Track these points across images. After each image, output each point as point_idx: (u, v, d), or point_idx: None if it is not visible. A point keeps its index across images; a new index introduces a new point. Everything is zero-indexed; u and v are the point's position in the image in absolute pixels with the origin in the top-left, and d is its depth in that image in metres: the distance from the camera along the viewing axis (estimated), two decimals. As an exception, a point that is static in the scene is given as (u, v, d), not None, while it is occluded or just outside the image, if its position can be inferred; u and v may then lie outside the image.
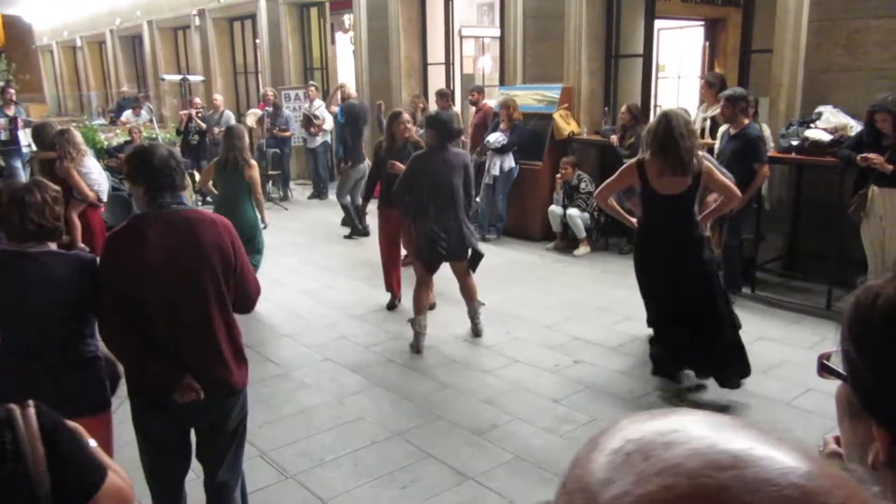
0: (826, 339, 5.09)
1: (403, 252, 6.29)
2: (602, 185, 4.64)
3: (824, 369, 0.91)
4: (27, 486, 1.26)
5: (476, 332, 5.46)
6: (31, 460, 1.27)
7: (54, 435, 1.31)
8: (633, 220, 4.60)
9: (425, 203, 5.10)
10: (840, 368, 0.88)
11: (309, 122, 10.96)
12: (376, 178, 6.17)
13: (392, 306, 6.20)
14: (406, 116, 6.15)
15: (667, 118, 4.09)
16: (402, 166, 5.59)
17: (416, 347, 5.27)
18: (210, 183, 6.58)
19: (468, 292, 5.39)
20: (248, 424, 2.90)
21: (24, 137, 9.87)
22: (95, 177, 6.10)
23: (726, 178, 4.44)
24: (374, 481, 3.56)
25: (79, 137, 6.19)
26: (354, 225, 8.83)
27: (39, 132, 6.48)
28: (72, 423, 1.39)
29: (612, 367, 4.85)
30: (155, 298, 2.50)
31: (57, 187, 2.73)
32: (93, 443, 1.43)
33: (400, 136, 5.94)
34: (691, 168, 4.06)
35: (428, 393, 4.56)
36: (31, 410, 1.31)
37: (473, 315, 5.45)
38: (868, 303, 0.82)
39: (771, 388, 4.45)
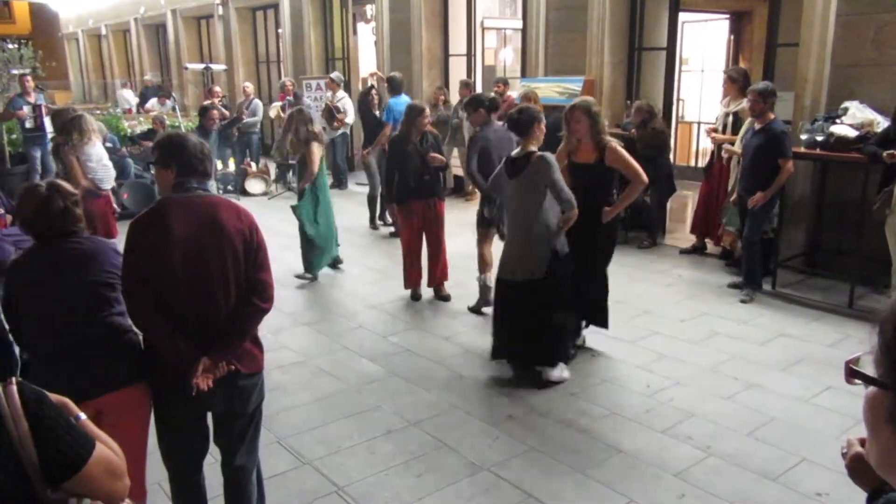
0: (848, 336, 5.03)
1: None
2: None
3: (853, 375, 0.87)
4: (13, 460, 1.29)
5: None
6: (15, 436, 1.29)
7: (38, 410, 1.34)
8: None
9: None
10: (871, 373, 0.84)
11: (331, 114, 10.98)
12: (402, 172, 5.95)
13: (417, 297, 6.20)
14: (428, 110, 6.23)
15: (571, 107, 4.72)
16: (442, 158, 6.01)
17: (484, 301, 5.81)
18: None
19: None
20: (266, 411, 2.93)
21: (50, 124, 9.96)
22: (93, 164, 6.09)
23: None
24: (389, 469, 3.59)
25: (89, 124, 6.19)
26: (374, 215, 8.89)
27: (55, 117, 6.55)
28: (57, 397, 1.42)
29: (629, 360, 4.83)
30: (178, 280, 2.54)
31: (75, 190, 2.84)
32: (82, 416, 1.46)
33: (422, 129, 5.96)
34: None
35: (444, 383, 4.58)
36: (13, 387, 1.33)
37: None
38: None
39: (791, 385, 4.42)
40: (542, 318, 4.48)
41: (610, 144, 4.59)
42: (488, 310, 5.76)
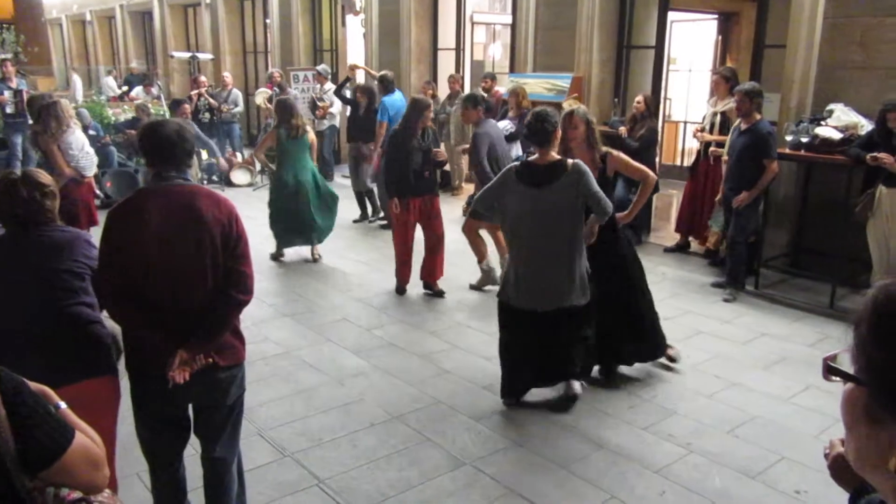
0: (828, 337, 5.08)
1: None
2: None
3: (831, 372, 0.88)
4: None
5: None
6: None
7: (16, 397, 1.31)
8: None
9: (495, 168, 5.73)
10: (848, 370, 0.85)
11: (314, 105, 10.94)
12: (403, 167, 5.83)
13: (403, 291, 6.19)
14: (432, 105, 6.27)
15: (568, 113, 4.44)
16: (445, 154, 6.13)
17: (491, 282, 6.03)
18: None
19: (503, 248, 5.96)
20: (247, 402, 2.91)
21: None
22: (74, 152, 6.00)
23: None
24: (371, 463, 3.58)
25: (65, 111, 6.08)
26: (365, 210, 8.87)
27: (32, 104, 6.43)
28: (36, 386, 1.39)
29: (612, 358, 4.85)
30: (155, 270, 2.51)
31: (48, 181, 2.80)
32: (62, 404, 1.43)
33: (425, 124, 5.89)
34: None
35: (428, 377, 4.57)
36: None
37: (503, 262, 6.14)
38: (891, 302, 0.79)
39: (772, 384, 4.45)
40: (575, 338, 4.11)
41: (611, 152, 4.42)
42: (491, 288, 5.95)
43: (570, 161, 3.96)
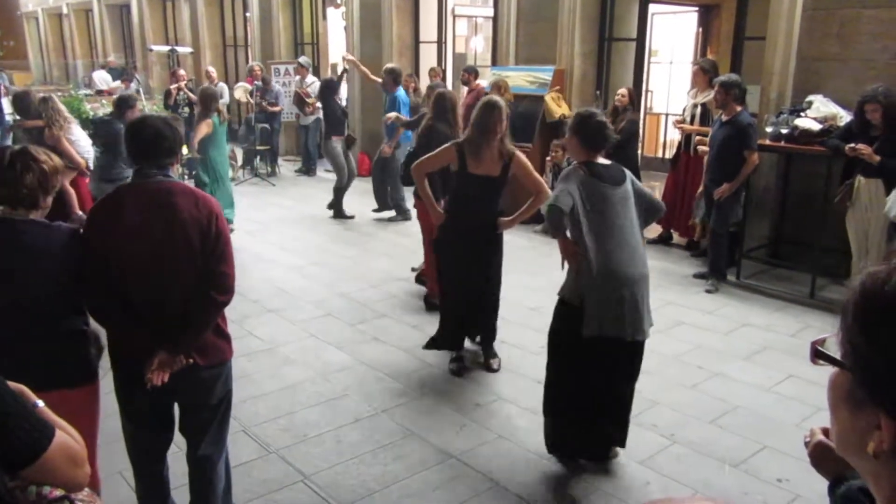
0: (810, 326, 5.14)
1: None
2: (420, 160, 4.59)
3: (818, 355, 0.89)
4: None
5: None
6: None
7: None
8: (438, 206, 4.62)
9: None
10: (835, 355, 0.87)
11: (302, 101, 10.85)
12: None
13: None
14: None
15: (496, 105, 4.31)
16: None
17: None
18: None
19: None
20: (232, 399, 2.88)
21: (7, 105, 9.67)
22: (83, 144, 6.04)
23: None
24: (356, 458, 3.57)
25: (62, 105, 6.10)
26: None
27: (21, 100, 6.38)
28: (15, 385, 1.38)
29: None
30: (131, 268, 2.49)
31: (44, 158, 2.64)
32: (40, 403, 1.42)
33: (460, 120, 5.59)
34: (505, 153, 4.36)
35: (413, 371, 4.57)
36: None
37: None
38: (877, 290, 0.79)
39: (753, 373, 4.50)
40: (629, 391, 3.56)
41: (517, 153, 4.39)
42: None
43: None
